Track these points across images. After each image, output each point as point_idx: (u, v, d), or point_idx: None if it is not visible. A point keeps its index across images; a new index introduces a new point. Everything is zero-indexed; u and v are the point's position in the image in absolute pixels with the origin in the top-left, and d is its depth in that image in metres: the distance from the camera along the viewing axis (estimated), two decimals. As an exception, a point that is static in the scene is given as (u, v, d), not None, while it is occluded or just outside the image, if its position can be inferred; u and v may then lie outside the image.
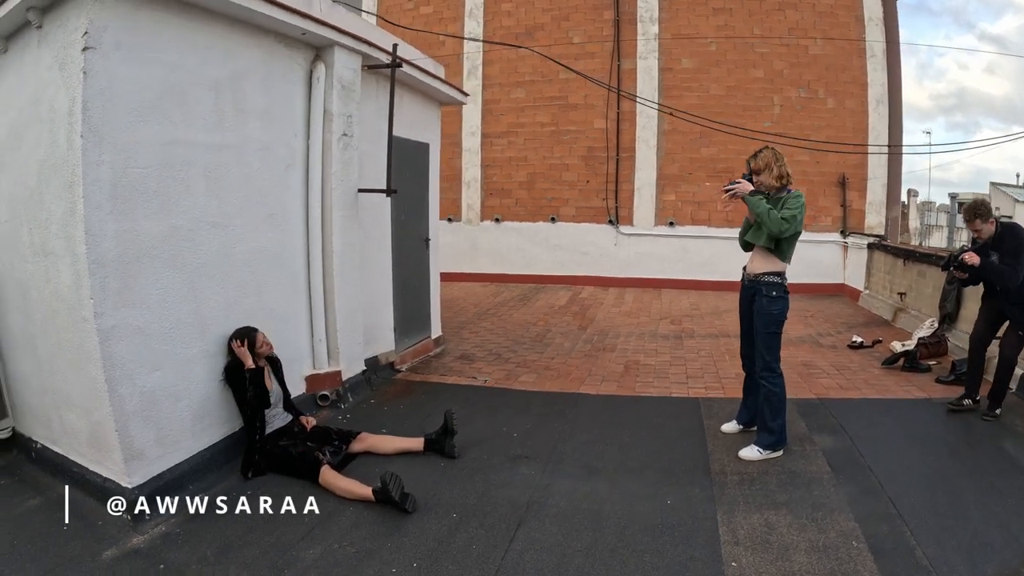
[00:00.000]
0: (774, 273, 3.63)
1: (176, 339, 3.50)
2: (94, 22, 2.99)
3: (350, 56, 4.59)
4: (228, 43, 3.75)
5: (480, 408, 4.73)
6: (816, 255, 9.39)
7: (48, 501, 3.35)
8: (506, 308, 8.81)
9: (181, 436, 3.52)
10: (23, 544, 2.93)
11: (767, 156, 3.61)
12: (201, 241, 3.67)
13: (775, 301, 3.63)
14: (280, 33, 4.09)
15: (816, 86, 9.23)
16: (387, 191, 4.78)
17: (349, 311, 4.83)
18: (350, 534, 2.99)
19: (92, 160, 3.04)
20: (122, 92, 3.15)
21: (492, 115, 10.54)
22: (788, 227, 3.45)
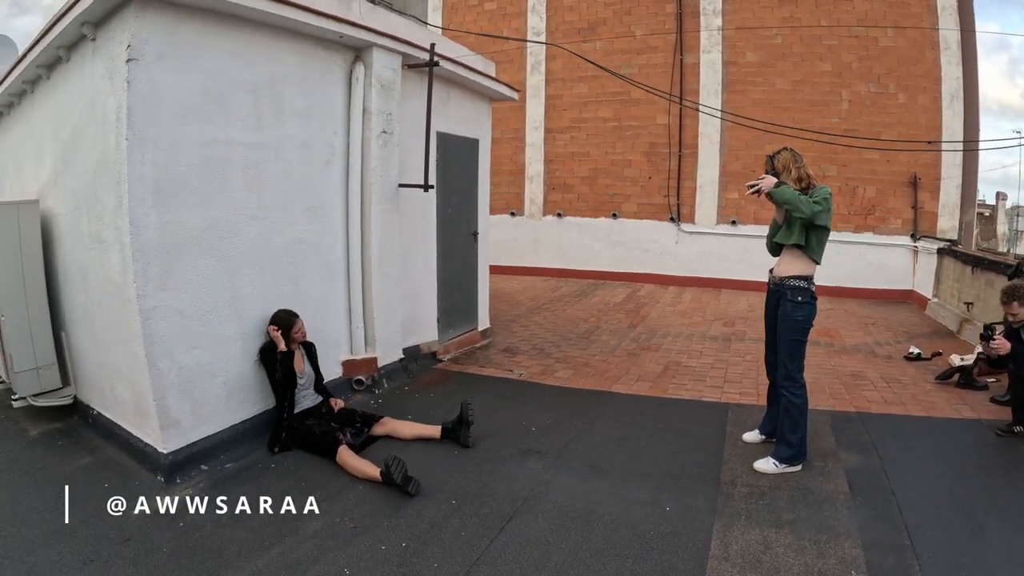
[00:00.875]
0: (801, 277, 3.40)
1: (213, 321, 3.76)
2: (136, 36, 3.25)
3: (389, 56, 4.70)
4: (267, 49, 3.95)
5: (507, 401, 4.76)
6: (884, 259, 8.73)
7: (97, 461, 3.71)
8: (561, 303, 8.75)
9: (216, 409, 3.78)
10: (64, 498, 3.21)
11: (785, 158, 3.40)
12: (240, 232, 3.89)
13: (800, 307, 3.39)
14: (318, 37, 4.25)
15: (887, 80, 8.47)
16: (424, 186, 4.86)
17: (386, 301, 4.96)
18: (353, 510, 3.12)
19: (136, 160, 3.32)
20: (164, 98, 3.41)
21: (555, 110, 10.45)
22: (819, 209, 3.22)
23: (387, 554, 2.74)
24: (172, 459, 3.49)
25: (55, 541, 2.82)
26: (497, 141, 10.79)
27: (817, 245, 3.36)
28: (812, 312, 3.42)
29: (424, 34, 5.14)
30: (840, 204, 8.80)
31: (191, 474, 3.52)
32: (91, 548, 2.77)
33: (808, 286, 3.39)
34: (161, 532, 2.92)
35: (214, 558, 2.69)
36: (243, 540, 2.84)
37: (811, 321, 3.42)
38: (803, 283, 3.39)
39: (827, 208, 3.24)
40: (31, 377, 4.17)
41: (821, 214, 3.23)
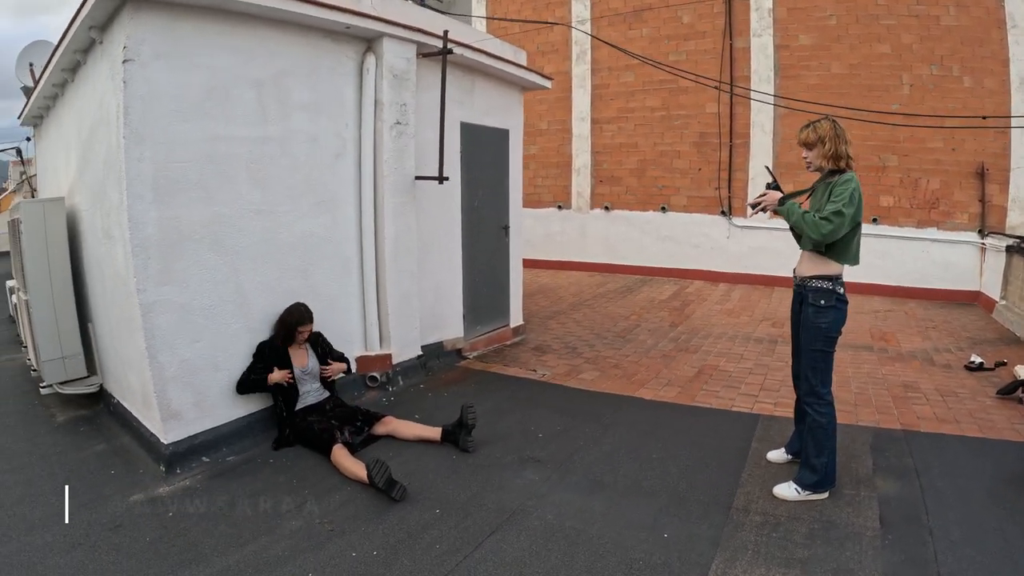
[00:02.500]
0: (824, 277, 2.89)
1: (216, 315, 3.68)
2: (131, 37, 3.19)
3: (402, 45, 4.48)
4: (270, 44, 3.81)
5: (520, 403, 4.48)
6: (948, 257, 7.75)
7: (111, 448, 3.78)
8: (604, 300, 8.34)
9: (219, 403, 3.72)
10: (74, 481, 3.31)
11: (824, 128, 2.86)
12: (244, 227, 3.80)
13: (823, 312, 2.89)
14: (325, 30, 4.08)
15: (950, 62, 7.43)
16: (439, 178, 4.62)
17: (402, 296, 4.78)
18: (335, 512, 3.00)
19: (134, 157, 3.26)
20: (162, 96, 3.33)
21: (602, 100, 9.95)
22: (831, 228, 2.73)
23: (355, 561, 2.60)
24: (173, 450, 3.47)
25: (52, 524, 2.89)
26: (544, 132, 10.53)
27: (842, 246, 2.85)
28: (839, 319, 2.91)
29: (443, 22, 4.86)
30: (902, 197, 7.94)
31: (192, 465, 3.50)
32: (82, 532, 2.81)
33: (833, 287, 2.88)
34: (150, 521, 2.93)
35: (190, 551, 2.67)
36: (222, 535, 2.80)
37: (838, 328, 2.92)
38: (827, 284, 2.88)
39: (846, 216, 2.72)
40: (57, 366, 4.25)
41: (831, 235, 2.75)
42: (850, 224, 2.75)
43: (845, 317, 2.94)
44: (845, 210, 2.70)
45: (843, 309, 2.92)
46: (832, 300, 2.88)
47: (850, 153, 2.85)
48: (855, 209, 2.74)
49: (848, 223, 2.73)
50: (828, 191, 2.82)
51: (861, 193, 2.79)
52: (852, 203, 2.72)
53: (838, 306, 2.89)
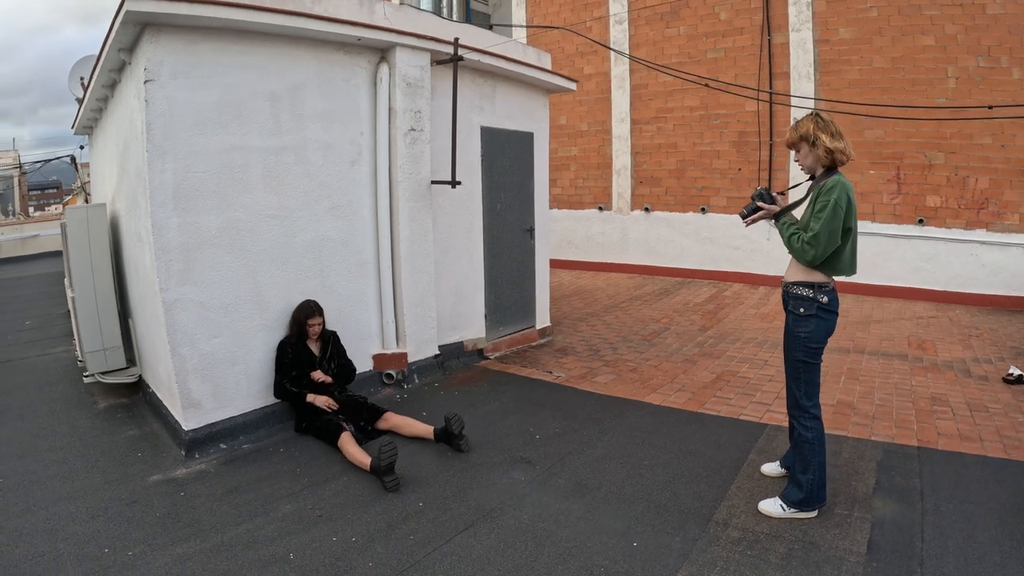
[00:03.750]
0: (806, 284, 2.69)
1: (234, 313, 3.87)
2: (151, 59, 3.40)
3: (414, 54, 4.52)
4: (283, 59, 3.94)
5: (528, 404, 4.45)
6: (998, 261, 7.04)
7: (142, 433, 4.06)
8: (639, 302, 8.15)
9: (236, 395, 3.92)
10: (104, 461, 3.64)
11: (806, 125, 2.66)
12: (260, 231, 3.96)
13: (802, 321, 2.70)
14: (337, 43, 4.17)
15: (997, 53, 6.70)
16: (452, 182, 4.64)
17: (418, 297, 4.84)
18: (328, 500, 3.11)
19: (157, 169, 3.48)
20: (181, 112, 3.53)
21: (641, 100, 9.68)
22: (813, 254, 2.57)
23: (334, 546, 2.70)
24: (192, 436, 3.69)
25: (79, 497, 3.17)
26: (584, 134, 10.41)
27: (832, 258, 2.64)
28: (820, 329, 2.69)
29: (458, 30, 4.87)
30: (949, 197, 7.28)
31: (209, 451, 3.72)
32: (102, 506, 3.08)
33: (815, 296, 2.67)
34: (163, 499, 3.15)
35: (192, 526, 2.87)
36: (223, 514, 2.99)
37: (819, 339, 2.71)
38: (808, 292, 2.68)
39: (825, 235, 2.53)
40: (99, 357, 4.59)
41: (816, 258, 2.59)
42: (832, 242, 2.55)
43: (830, 327, 2.72)
44: (822, 232, 2.52)
45: (827, 319, 2.70)
46: (812, 308, 2.68)
47: (841, 147, 2.60)
48: (839, 222, 2.52)
49: (831, 241, 2.54)
50: (813, 201, 2.61)
51: (850, 196, 2.55)
52: (835, 217, 2.51)
53: (820, 315, 2.68)
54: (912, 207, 7.52)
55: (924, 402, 4.24)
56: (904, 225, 7.58)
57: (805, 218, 2.67)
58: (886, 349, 5.58)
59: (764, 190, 2.81)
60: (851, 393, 4.44)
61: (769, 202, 2.79)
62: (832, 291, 2.70)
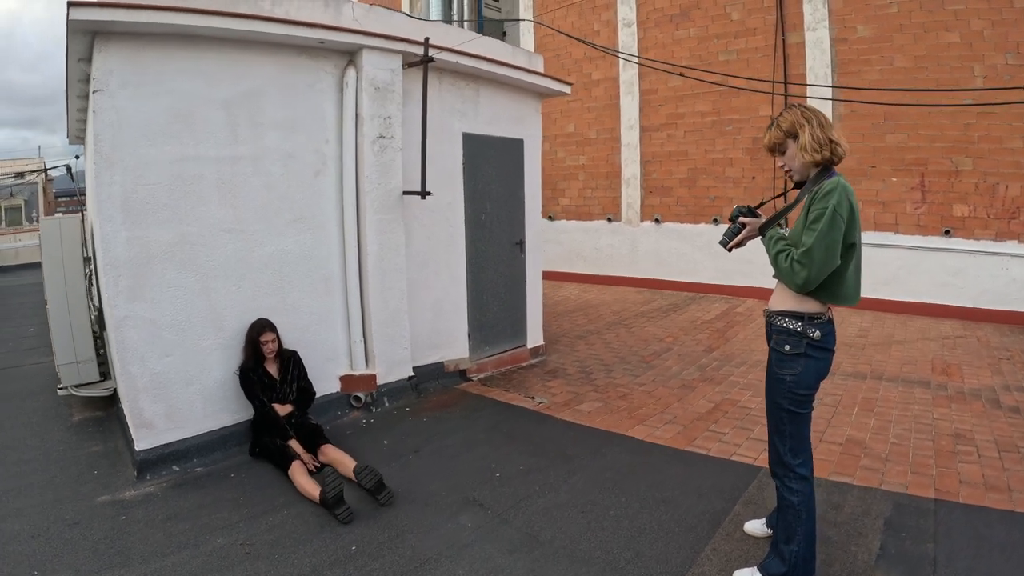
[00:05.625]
0: (794, 315, 2.31)
1: (187, 331, 3.90)
2: (99, 68, 3.48)
3: (383, 56, 4.53)
4: (238, 65, 4.00)
5: (498, 435, 4.33)
6: None
7: (105, 450, 4.18)
8: (645, 319, 8.00)
9: (191, 415, 3.94)
10: (61, 478, 3.75)
11: (788, 119, 2.31)
12: (215, 246, 3.98)
13: (789, 361, 2.31)
14: (297, 46, 4.18)
15: None
16: (421, 193, 4.57)
17: (388, 315, 4.77)
18: (262, 534, 3.08)
19: (104, 181, 3.54)
20: (130, 122, 3.59)
21: (650, 106, 9.64)
22: (805, 276, 2.18)
23: None
24: (144, 457, 3.73)
25: (26, 515, 3.26)
26: (592, 142, 10.36)
27: (831, 282, 2.24)
28: (811, 371, 2.30)
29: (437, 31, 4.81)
30: (978, 205, 7.09)
31: (161, 473, 3.76)
32: (45, 525, 3.16)
33: (804, 330, 2.28)
34: (104, 523, 3.18)
35: (122, 555, 2.89)
36: (156, 543, 3.01)
37: (809, 384, 2.32)
38: (796, 324, 2.30)
39: (820, 252, 2.14)
40: (72, 369, 4.72)
41: (808, 283, 2.19)
42: (829, 260, 2.15)
43: (823, 368, 2.33)
44: (817, 248, 2.13)
45: (820, 359, 2.30)
46: (801, 346, 2.28)
47: (835, 138, 2.25)
48: (838, 235, 2.13)
49: (828, 260, 2.15)
50: (807, 209, 2.23)
51: (852, 203, 2.17)
52: (833, 228, 2.12)
53: (810, 355, 2.28)
54: (938, 217, 7.31)
55: (946, 440, 3.95)
56: (929, 236, 7.38)
57: (797, 231, 2.28)
58: (907, 374, 5.37)
59: (745, 206, 2.52)
60: (863, 428, 4.19)
61: (752, 216, 2.47)
62: (827, 323, 2.32)
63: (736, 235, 2.48)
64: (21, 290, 11.69)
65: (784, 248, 2.27)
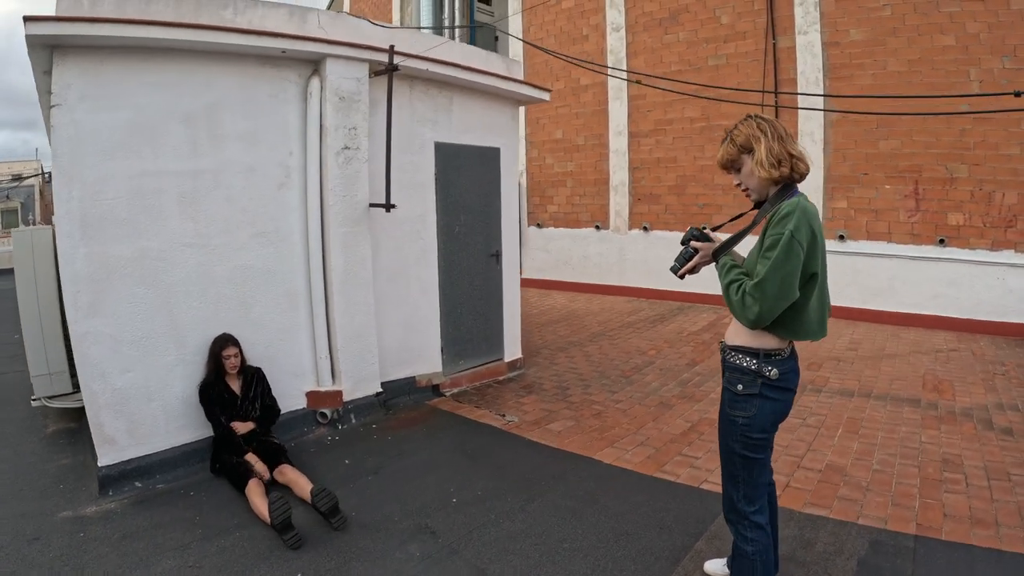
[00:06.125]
0: (750, 352, 2.25)
1: (148, 347, 4.13)
2: (57, 82, 3.72)
3: (348, 65, 4.76)
4: (198, 76, 4.24)
5: (461, 456, 4.48)
6: None
7: (74, 463, 4.42)
8: (630, 330, 8.23)
9: (153, 431, 4.17)
10: (28, 491, 3.97)
11: (744, 132, 2.23)
12: (175, 260, 4.20)
13: (741, 402, 2.25)
14: (260, 56, 4.39)
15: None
16: (386, 206, 4.78)
17: (355, 331, 4.98)
18: (211, 557, 3.23)
19: (63, 197, 3.79)
20: (88, 137, 3.83)
21: (639, 112, 9.98)
22: (757, 312, 2.10)
23: None
24: (106, 473, 3.95)
25: None
26: (580, 148, 10.63)
27: (792, 315, 2.15)
28: (766, 413, 2.22)
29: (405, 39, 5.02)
30: (973, 214, 7.36)
31: (124, 489, 3.98)
32: (5, 540, 3.37)
33: (760, 367, 2.21)
34: (63, 539, 3.38)
35: (76, 573, 3.05)
36: (109, 562, 3.16)
37: (764, 427, 2.24)
38: (751, 362, 2.23)
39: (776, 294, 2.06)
40: (45, 381, 4.98)
41: (767, 313, 2.10)
42: (785, 293, 2.06)
43: (780, 411, 2.25)
44: (771, 279, 2.04)
45: (777, 400, 2.22)
46: (755, 387, 2.20)
47: (795, 153, 2.17)
48: (796, 264, 2.04)
49: (784, 293, 2.06)
50: (763, 234, 2.17)
51: (814, 227, 2.09)
52: (790, 257, 2.03)
53: (766, 395, 2.20)
54: (932, 225, 7.57)
55: (933, 467, 3.98)
56: (923, 246, 7.64)
57: (752, 259, 2.22)
58: (896, 391, 5.51)
59: (697, 229, 2.45)
60: (845, 453, 4.23)
61: (705, 239, 2.40)
62: (787, 360, 2.23)
63: (688, 260, 2.41)
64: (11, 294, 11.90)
65: (737, 278, 2.20)
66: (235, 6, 4.27)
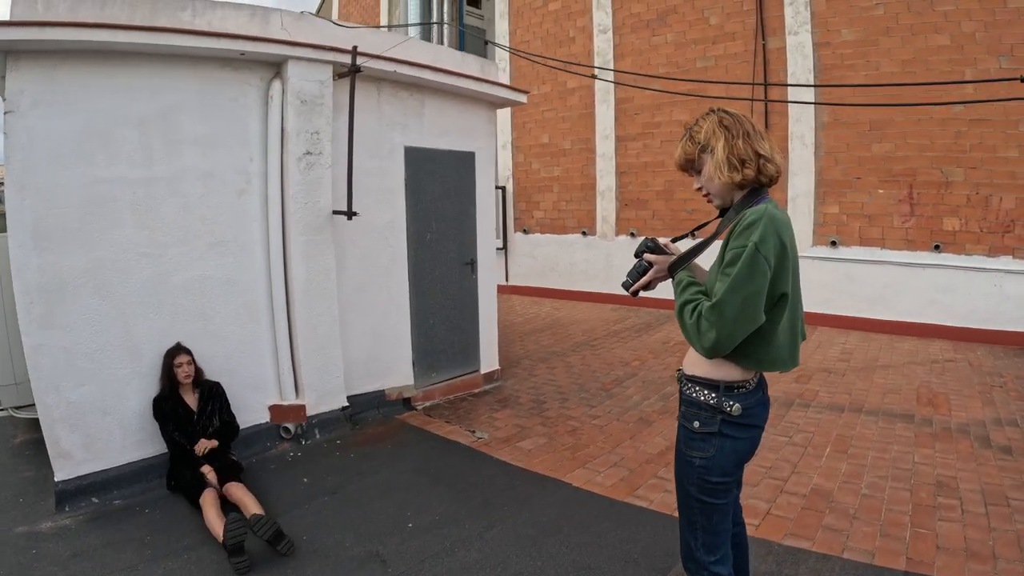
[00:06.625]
0: (709, 384, 2.07)
1: (103, 360, 4.29)
2: (10, 89, 3.90)
3: (310, 67, 4.93)
4: (153, 80, 4.43)
5: (423, 477, 4.52)
6: None
7: (38, 475, 4.57)
8: (614, 339, 8.42)
9: (110, 446, 4.32)
10: None
11: (705, 128, 2.09)
12: (130, 271, 4.37)
13: (698, 441, 2.08)
14: (218, 59, 4.56)
15: (1022, 52, 7.00)
16: (347, 213, 4.92)
17: (318, 343, 5.12)
18: None
19: (15, 206, 3.96)
20: (41, 144, 4.01)
21: (626, 115, 10.28)
22: (713, 339, 1.90)
23: None
24: (62, 488, 4.12)
25: None
26: (567, 153, 10.90)
27: (758, 341, 1.97)
28: (727, 454, 2.04)
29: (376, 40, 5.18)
30: (969, 218, 7.57)
31: (80, 505, 4.13)
32: None
33: (719, 402, 2.04)
34: (15, 556, 3.52)
35: None
36: None
37: (724, 471, 2.07)
38: (710, 396, 2.05)
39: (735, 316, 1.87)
40: (11, 391, 5.18)
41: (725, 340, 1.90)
42: (748, 317, 1.87)
43: (745, 450, 2.09)
44: (730, 300, 1.86)
45: (740, 439, 2.04)
46: (714, 424, 2.03)
47: (768, 153, 2.00)
48: (761, 282, 1.86)
49: (746, 316, 1.87)
50: (723, 246, 2.00)
51: (783, 238, 1.90)
52: (754, 274, 1.84)
53: (727, 434, 2.02)
54: (927, 231, 7.78)
55: (926, 491, 3.94)
56: (918, 252, 7.85)
57: (711, 276, 2.06)
58: (889, 406, 5.58)
59: (651, 240, 2.31)
60: (833, 476, 4.22)
61: (659, 252, 2.26)
62: (753, 393, 2.07)
63: (642, 274, 2.27)
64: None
65: (693, 298, 2.01)
66: (194, 7, 4.45)
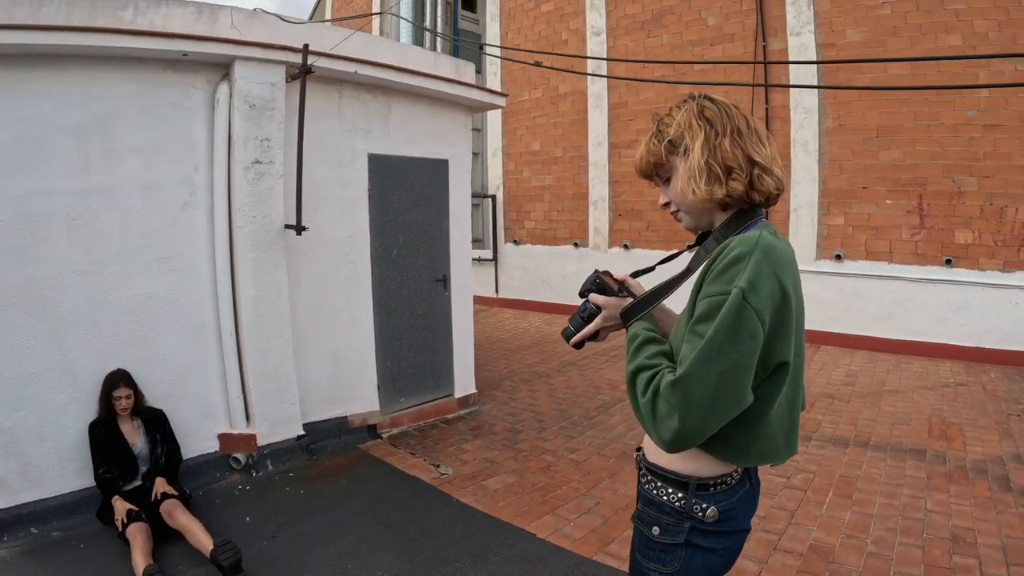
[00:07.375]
0: (674, 478, 1.64)
1: (37, 384, 4.38)
2: None
3: (260, 68, 5.02)
4: (89, 84, 4.54)
5: (372, 521, 4.44)
6: None
7: None
8: (604, 359, 8.58)
9: (48, 474, 4.42)
10: None
11: (679, 120, 1.62)
12: (65, 290, 4.49)
13: (657, 552, 1.67)
14: (159, 60, 4.67)
15: None
16: (297, 228, 4.99)
17: (270, 368, 5.22)
18: None
19: None
20: None
21: (620, 121, 10.54)
22: (674, 427, 1.39)
23: None
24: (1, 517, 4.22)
25: None
26: (559, 161, 11.13)
27: (743, 425, 1.50)
28: (698, 569, 1.63)
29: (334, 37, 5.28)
30: (983, 231, 7.70)
31: (18, 534, 4.22)
32: None
33: (689, 505, 1.61)
34: None
35: None
36: None
37: None
38: (674, 495, 1.64)
39: (714, 390, 1.36)
40: None
41: (693, 430, 1.39)
42: (728, 399, 1.38)
43: (721, 564, 1.66)
44: (697, 373, 1.37)
45: (714, 550, 1.63)
46: (679, 533, 1.62)
47: (768, 160, 1.55)
48: (751, 346, 1.37)
49: (722, 397, 1.37)
50: (695, 291, 1.51)
51: (783, 283, 1.41)
52: (738, 334, 1.36)
53: (698, 544, 1.62)
54: (938, 244, 7.90)
55: (939, 545, 3.75)
56: (928, 267, 7.96)
57: (678, 333, 1.58)
58: (898, 440, 5.53)
59: (599, 276, 1.90)
60: (834, 529, 4.03)
61: (611, 293, 1.85)
62: (735, 489, 1.64)
63: (588, 321, 1.83)
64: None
65: (649, 364, 1.53)
66: (136, 6, 4.57)
